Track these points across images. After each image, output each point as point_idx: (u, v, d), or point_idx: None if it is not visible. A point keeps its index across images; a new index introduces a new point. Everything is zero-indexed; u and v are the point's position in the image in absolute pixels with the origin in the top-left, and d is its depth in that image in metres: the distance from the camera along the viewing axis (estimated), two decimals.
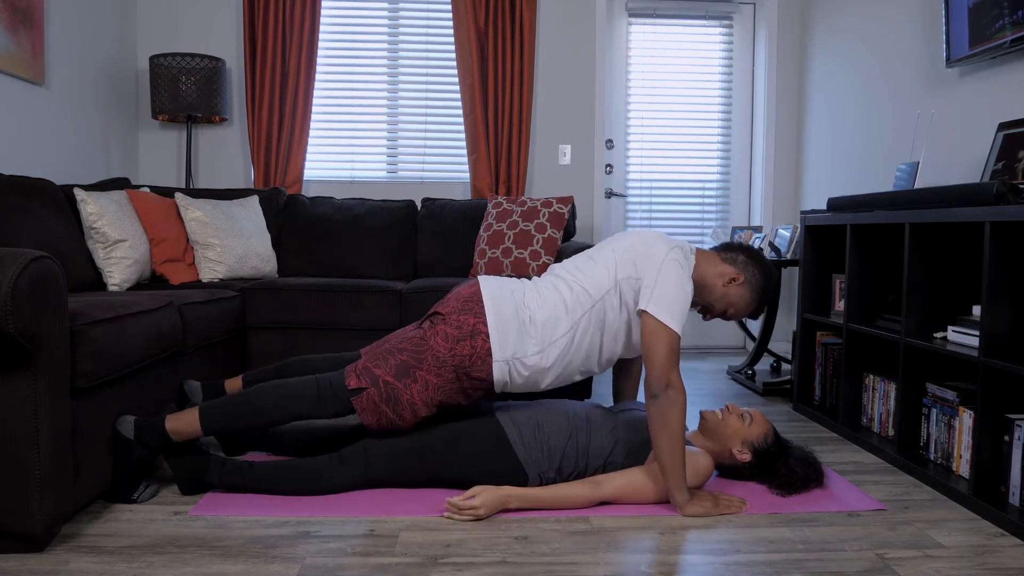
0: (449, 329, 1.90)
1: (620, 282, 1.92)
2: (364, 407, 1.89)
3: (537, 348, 1.91)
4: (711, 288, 2.02)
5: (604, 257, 1.98)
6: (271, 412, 1.89)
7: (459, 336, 1.89)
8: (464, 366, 1.89)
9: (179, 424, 1.88)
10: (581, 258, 2.04)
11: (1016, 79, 2.47)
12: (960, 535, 1.77)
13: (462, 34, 3.88)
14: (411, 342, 1.93)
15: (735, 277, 2.02)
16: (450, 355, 1.88)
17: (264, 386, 1.93)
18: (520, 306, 1.94)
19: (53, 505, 1.55)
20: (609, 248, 2.00)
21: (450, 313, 1.92)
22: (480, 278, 2.02)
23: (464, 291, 1.97)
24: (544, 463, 1.94)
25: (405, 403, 1.89)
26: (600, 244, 2.06)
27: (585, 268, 1.98)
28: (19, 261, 1.44)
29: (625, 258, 1.94)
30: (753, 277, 2.04)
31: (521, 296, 1.96)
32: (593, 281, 1.94)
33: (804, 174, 4.08)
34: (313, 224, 3.46)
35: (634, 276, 1.91)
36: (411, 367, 1.89)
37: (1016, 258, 1.87)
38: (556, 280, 1.99)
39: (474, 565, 1.57)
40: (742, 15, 4.23)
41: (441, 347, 1.89)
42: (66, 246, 2.57)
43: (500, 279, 2.03)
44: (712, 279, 2.02)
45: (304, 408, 1.89)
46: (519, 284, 2.02)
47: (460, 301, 1.94)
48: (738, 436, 2.04)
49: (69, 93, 3.24)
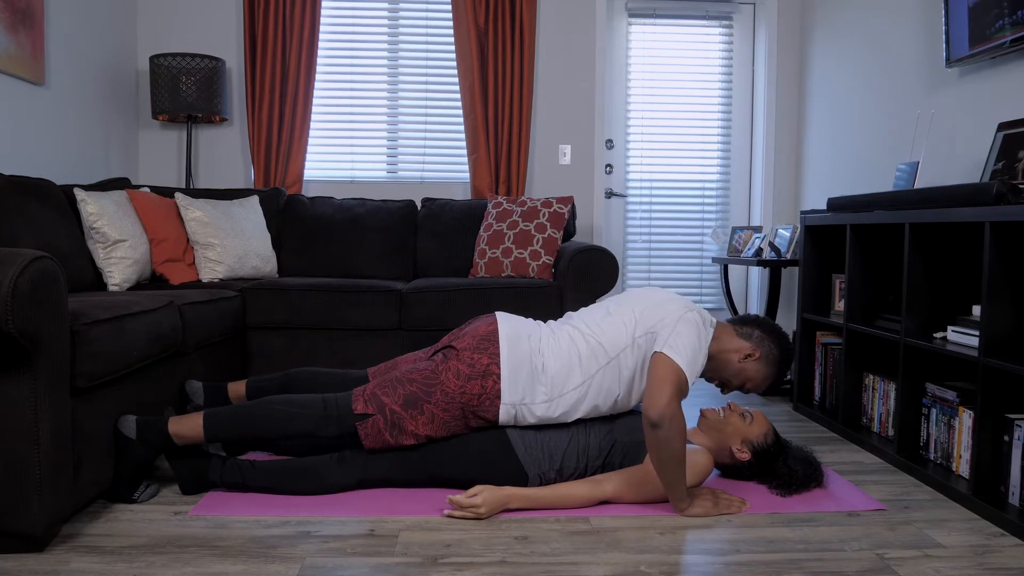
0: (462, 366, 1.90)
1: (637, 339, 1.93)
2: (368, 433, 1.90)
3: (546, 397, 1.92)
4: (728, 363, 2.03)
5: (623, 314, 1.97)
6: (275, 426, 1.90)
7: (471, 375, 1.89)
8: (472, 405, 1.90)
9: (182, 428, 1.88)
10: (599, 311, 2.03)
11: (1016, 79, 2.47)
12: (960, 535, 1.77)
13: (462, 34, 3.88)
14: (422, 374, 1.93)
15: (751, 353, 2.03)
16: (459, 392, 1.89)
17: (270, 400, 1.94)
18: (534, 352, 1.94)
19: (53, 505, 1.55)
20: (628, 306, 1.99)
21: (464, 350, 1.93)
22: (498, 316, 2.02)
23: (481, 328, 1.97)
24: (545, 463, 1.94)
25: (409, 432, 1.90)
26: (619, 298, 2.06)
27: (603, 323, 1.98)
28: (19, 261, 1.44)
29: (643, 316, 1.94)
30: (770, 352, 2.04)
31: (537, 341, 1.96)
32: (610, 338, 1.94)
33: (804, 174, 4.08)
34: (313, 224, 3.46)
35: (651, 331, 1.92)
36: (420, 400, 1.90)
37: (1016, 258, 1.87)
38: (573, 331, 1.99)
39: (474, 565, 1.57)
40: (742, 15, 4.22)
41: (452, 383, 1.89)
42: (66, 246, 2.57)
43: (518, 320, 2.03)
44: (728, 355, 2.03)
45: (308, 426, 1.90)
46: (536, 328, 2.01)
47: (476, 339, 1.94)
48: (738, 434, 2.04)
49: (69, 93, 3.24)
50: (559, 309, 2.93)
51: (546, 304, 2.91)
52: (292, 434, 1.91)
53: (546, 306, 2.91)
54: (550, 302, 2.92)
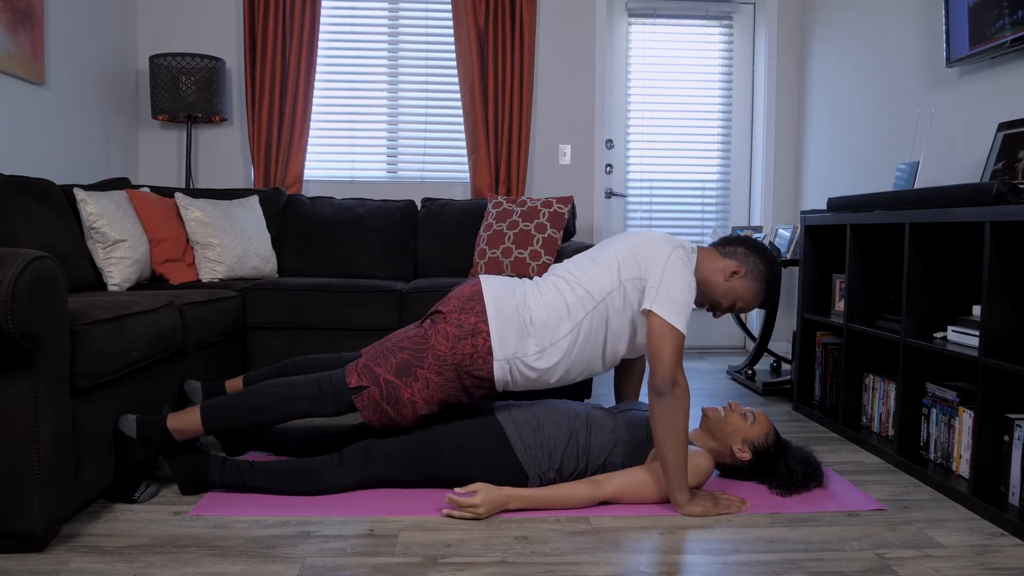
0: (450, 328, 1.90)
1: (624, 282, 1.92)
2: (365, 405, 1.89)
3: (538, 348, 1.91)
4: (715, 285, 2.02)
5: (606, 258, 1.97)
6: (272, 410, 1.89)
7: (460, 335, 1.89)
8: (465, 365, 1.89)
9: (181, 423, 1.88)
10: (583, 258, 2.03)
11: (1016, 79, 2.47)
12: (960, 535, 1.77)
13: (462, 34, 3.88)
14: (412, 341, 1.93)
15: (736, 270, 2.02)
16: (451, 354, 1.89)
17: (265, 384, 1.93)
18: (521, 306, 1.94)
19: (53, 505, 1.55)
20: (611, 249, 1.99)
21: (451, 312, 1.92)
22: (481, 277, 2.02)
23: (465, 290, 1.97)
24: (544, 463, 1.94)
25: (406, 401, 1.89)
26: (601, 244, 2.06)
27: (587, 269, 1.98)
28: (19, 261, 1.44)
29: (628, 258, 1.94)
30: (755, 267, 2.04)
31: (522, 296, 1.96)
32: (595, 282, 1.94)
33: (804, 174, 4.08)
34: (313, 224, 3.46)
35: (638, 276, 1.91)
36: (412, 366, 1.89)
37: (1016, 258, 1.87)
38: (558, 280, 1.99)
39: (474, 565, 1.57)
40: (742, 15, 4.22)
41: (442, 346, 1.89)
42: (66, 246, 2.57)
43: (502, 278, 2.03)
44: (714, 275, 2.02)
45: (304, 406, 1.89)
46: (520, 284, 2.02)
47: (461, 300, 1.94)
48: (739, 434, 2.04)
49: (69, 93, 3.24)
50: None
51: None
52: (290, 416, 1.89)
53: None
54: None
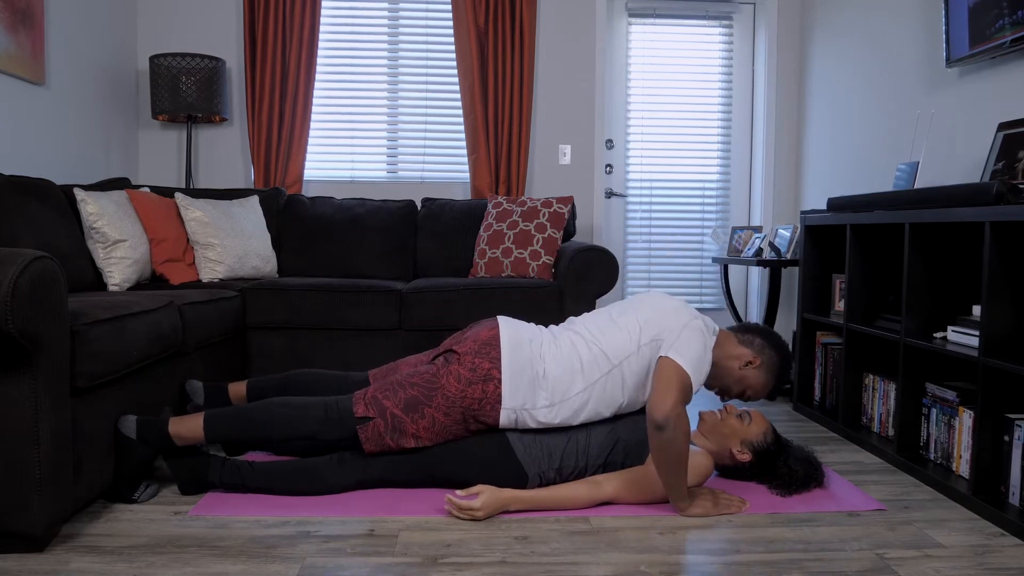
0: (463, 371, 1.90)
1: (642, 347, 1.93)
2: (368, 437, 1.90)
3: (547, 402, 1.92)
4: (729, 371, 2.04)
5: (627, 322, 1.97)
6: (276, 430, 1.90)
7: (472, 379, 1.89)
8: (473, 409, 1.90)
9: (183, 429, 1.88)
10: (602, 317, 2.03)
11: (1016, 79, 2.47)
12: (960, 535, 1.77)
13: (462, 34, 3.88)
14: (423, 378, 1.93)
15: (752, 360, 2.04)
16: (460, 397, 1.89)
17: (271, 402, 1.94)
18: (536, 358, 1.94)
19: (53, 505, 1.55)
20: (632, 313, 1.99)
21: (466, 354, 1.93)
22: (500, 320, 2.01)
23: (483, 333, 1.97)
24: (544, 463, 1.94)
25: (410, 435, 1.91)
26: (622, 305, 2.06)
27: (606, 329, 1.98)
28: (19, 261, 1.44)
29: (648, 324, 1.94)
30: (770, 360, 2.06)
31: (539, 347, 1.96)
32: (613, 345, 1.94)
33: (804, 174, 4.08)
34: (313, 224, 3.46)
35: (657, 338, 1.92)
36: (420, 403, 1.90)
37: (1016, 258, 1.87)
38: (575, 337, 1.99)
39: (474, 565, 1.57)
40: (742, 15, 4.22)
41: (453, 387, 1.90)
42: (66, 246, 2.57)
43: (520, 325, 2.02)
44: (729, 361, 2.04)
45: (309, 429, 1.91)
46: (538, 333, 2.01)
47: (478, 344, 1.94)
48: (737, 436, 2.04)
49: (69, 93, 3.24)
50: (559, 309, 2.93)
51: (546, 304, 2.91)
52: (293, 437, 1.91)
53: (546, 306, 2.91)
54: (550, 302, 2.92)
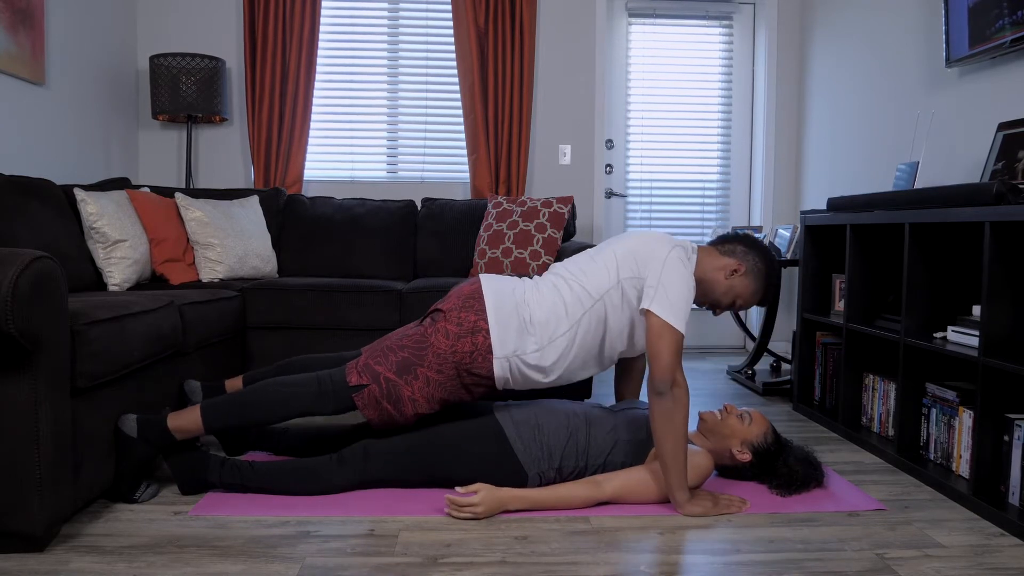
0: (450, 326, 1.90)
1: (622, 281, 1.93)
2: (365, 403, 1.89)
3: (536, 346, 1.92)
4: (715, 283, 2.03)
5: (605, 257, 1.98)
6: (272, 408, 1.89)
7: (460, 333, 1.89)
8: (465, 363, 1.90)
9: (181, 422, 1.88)
10: (582, 257, 2.04)
11: (1016, 79, 2.47)
12: (960, 535, 1.77)
13: (462, 34, 3.88)
14: (412, 339, 1.93)
15: (736, 268, 2.03)
16: (451, 352, 1.89)
17: (265, 383, 1.93)
18: (520, 304, 1.94)
19: (53, 505, 1.55)
20: (610, 248, 2.00)
21: (451, 310, 1.93)
22: (481, 276, 2.03)
23: (465, 289, 1.98)
24: (544, 463, 1.94)
25: (406, 399, 1.90)
26: (601, 244, 2.06)
27: (586, 267, 1.99)
28: (19, 261, 1.44)
29: (627, 258, 1.94)
30: (755, 265, 2.05)
31: (521, 294, 1.97)
32: (594, 280, 1.95)
33: (804, 174, 4.08)
34: (313, 224, 3.46)
35: (637, 275, 1.92)
36: (412, 364, 1.90)
37: (1016, 258, 1.87)
38: (556, 279, 2.00)
39: (474, 565, 1.57)
40: (742, 15, 4.22)
41: (442, 344, 1.89)
42: (66, 246, 2.57)
43: (501, 277, 2.04)
44: (714, 274, 2.03)
45: (305, 404, 1.89)
46: (520, 282, 2.02)
47: (461, 299, 1.95)
48: (737, 436, 2.04)
49: (69, 93, 3.24)
50: None
51: None
52: (290, 414, 1.89)
53: None
54: None
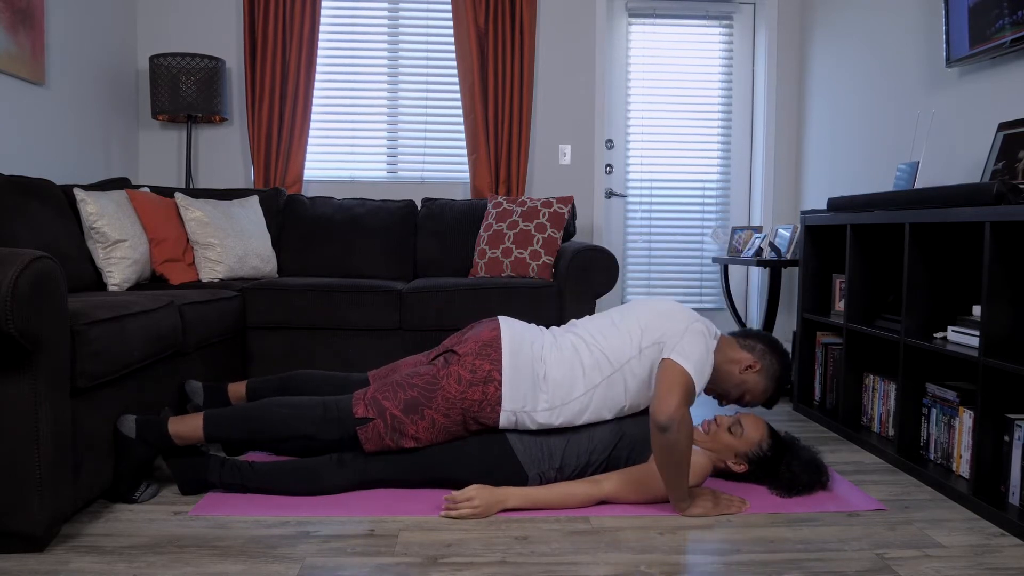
0: (463, 372, 1.90)
1: (644, 350, 1.93)
2: (368, 437, 1.90)
3: (547, 405, 1.91)
4: (728, 374, 2.03)
5: (629, 325, 1.97)
6: (276, 428, 1.90)
7: (472, 381, 1.89)
8: (473, 411, 1.90)
9: (182, 428, 1.88)
10: (604, 321, 2.03)
11: (1016, 79, 2.47)
12: (960, 535, 1.77)
13: (462, 34, 3.88)
14: (423, 379, 1.93)
15: (752, 365, 2.03)
16: (460, 398, 1.89)
17: (270, 402, 1.94)
18: (536, 360, 1.93)
19: (53, 505, 1.55)
20: (633, 316, 1.99)
21: (466, 355, 1.92)
22: (501, 321, 2.01)
23: (484, 334, 1.96)
24: (544, 462, 1.93)
25: (409, 436, 1.91)
26: (624, 308, 2.06)
27: (608, 333, 1.97)
28: (19, 261, 1.44)
29: (650, 327, 1.94)
30: (771, 366, 2.05)
31: (540, 349, 1.96)
32: (615, 348, 1.94)
33: (804, 174, 4.08)
34: (313, 224, 3.46)
35: (658, 341, 1.92)
36: (420, 404, 1.90)
37: (1016, 258, 1.87)
38: (577, 340, 1.98)
39: (474, 565, 1.57)
40: (742, 15, 4.22)
41: (453, 389, 1.89)
42: (66, 246, 2.57)
43: (522, 326, 2.02)
44: (730, 365, 2.03)
45: (309, 429, 1.91)
46: (539, 335, 2.01)
47: (478, 345, 1.94)
48: (730, 450, 2.03)
49: (69, 93, 3.24)
50: (559, 309, 2.93)
51: (546, 304, 2.91)
52: (292, 436, 1.91)
53: (546, 306, 2.91)
54: (550, 302, 2.92)
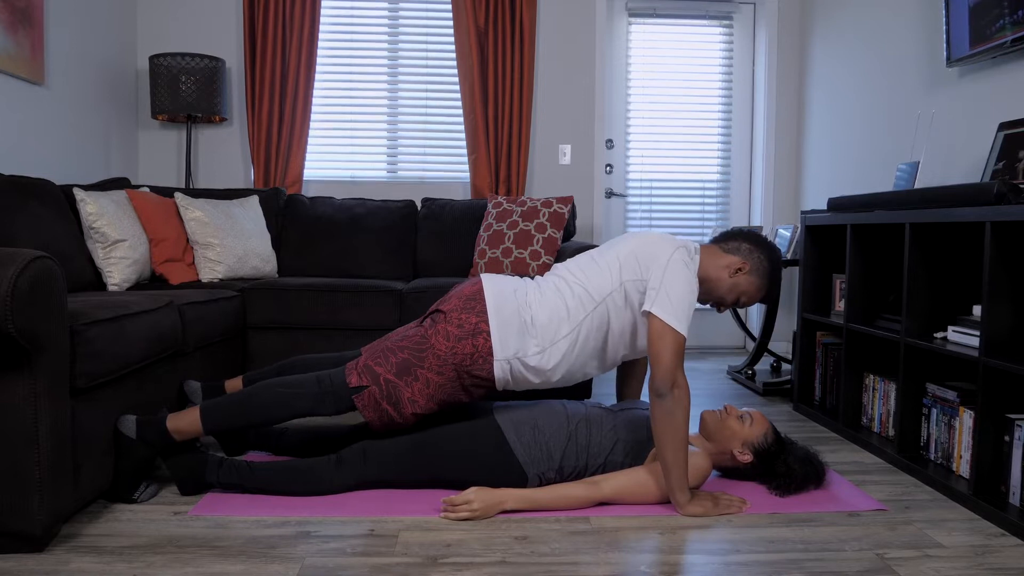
0: (450, 328, 1.90)
1: (625, 283, 1.92)
2: (365, 404, 1.89)
3: (538, 348, 1.91)
4: (719, 281, 2.03)
5: (607, 259, 1.97)
6: (272, 409, 1.89)
7: (460, 335, 1.89)
8: (465, 364, 1.89)
9: (181, 423, 1.88)
10: (584, 259, 2.03)
11: (1016, 79, 2.47)
12: (960, 535, 1.77)
13: (462, 34, 3.88)
14: (412, 340, 1.92)
15: (740, 266, 2.02)
16: (451, 354, 1.88)
17: (265, 384, 1.93)
18: (522, 306, 1.93)
19: (53, 505, 1.55)
20: (613, 250, 1.99)
21: (452, 311, 1.92)
22: (483, 276, 2.02)
23: (466, 289, 1.97)
24: (544, 463, 1.93)
25: (406, 401, 1.89)
26: (603, 245, 2.05)
27: (588, 269, 1.98)
28: (19, 261, 1.44)
29: (629, 260, 1.93)
30: (759, 263, 2.04)
31: (523, 296, 1.96)
32: (596, 283, 1.94)
33: (804, 174, 4.08)
34: (313, 224, 3.46)
35: (639, 278, 1.91)
36: (412, 365, 1.89)
37: (1016, 258, 1.87)
38: (558, 280, 1.99)
39: (474, 565, 1.57)
40: (742, 15, 4.22)
41: (442, 345, 1.89)
42: (66, 246, 2.57)
43: (502, 277, 2.03)
44: (718, 272, 2.02)
45: (305, 405, 1.89)
46: (521, 283, 2.01)
47: (462, 300, 1.94)
48: (738, 437, 2.04)
49: (69, 93, 3.24)
50: None
51: None
52: (290, 415, 1.89)
53: None
54: None
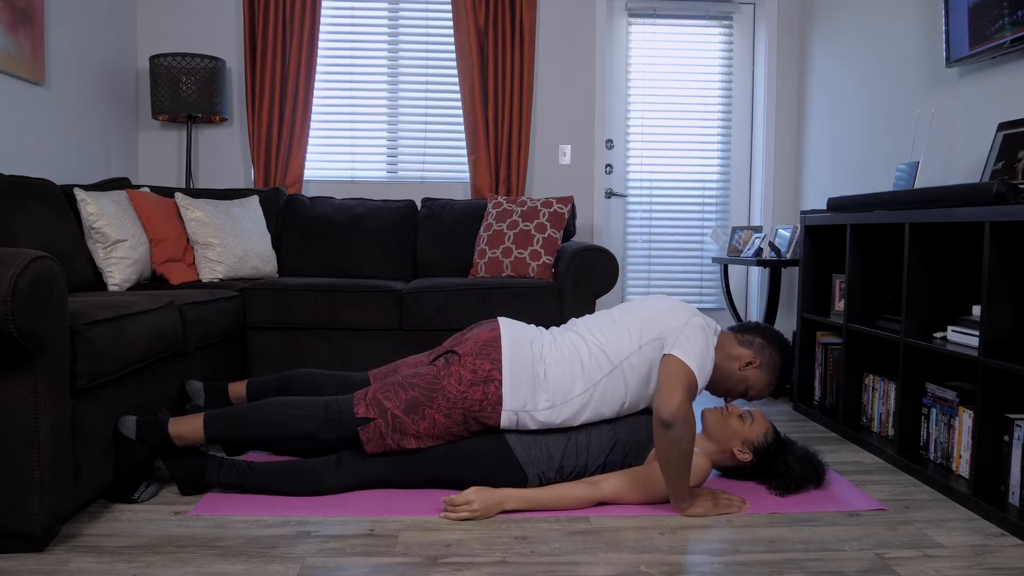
0: (464, 372, 1.90)
1: (643, 346, 1.93)
2: (370, 437, 1.90)
3: (548, 404, 1.91)
4: (729, 371, 2.04)
5: (628, 322, 1.97)
6: (276, 428, 1.91)
7: (473, 380, 1.89)
8: (474, 410, 1.90)
9: (183, 429, 1.88)
10: (603, 318, 2.04)
11: (1016, 79, 2.47)
12: (960, 535, 1.77)
13: (462, 34, 3.88)
14: (424, 379, 1.93)
15: (752, 361, 2.04)
16: (461, 398, 1.89)
17: (271, 402, 1.94)
18: (537, 359, 1.94)
19: (53, 505, 1.55)
20: (633, 313, 1.99)
21: (466, 355, 1.93)
22: (501, 321, 2.02)
23: (483, 334, 1.97)
24: (544, 463, 1.94)
25: (410, 436, 1.91)
26: (623, 306, 2.06)
27: (607, 330, 1.98)
28: (19, 261, 1.44)
29: (649, 323, 1.94)
30: (771, 360, 2.05)
31: (540, 348, 1.96)
32: (614, 345, 1.94)
33: (804, 174, 4.08)
34: (313, 224, 3.46)
35: (658, 337, 1.92)
36: (421, 404, 1.90)
37: (1016, 258, 1.87)
38: (576, 338, 1.99)
39: (474, 565, 1.57)
40: (742, 15, 4.22)
41: (453, 389, 1.90)
42: (66, 246, 2.57)
43: (521, 326, 2.03)
44: (730, 363, 2.04)
45: (309, 428, 1.91)
46: (539, 335, 2.02)
47: (478, 344, 1.94)
48: (739, 436, 2.04)
49: (69, 93, 3.24)
50: (559, 309, 2.93)
51: (546, 304, 2.91)
52: (293, 436, 1.91)
53: (546, 306, 2.91)
54: (550, 302, 2.92)
